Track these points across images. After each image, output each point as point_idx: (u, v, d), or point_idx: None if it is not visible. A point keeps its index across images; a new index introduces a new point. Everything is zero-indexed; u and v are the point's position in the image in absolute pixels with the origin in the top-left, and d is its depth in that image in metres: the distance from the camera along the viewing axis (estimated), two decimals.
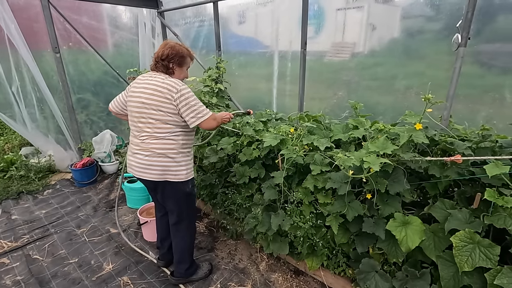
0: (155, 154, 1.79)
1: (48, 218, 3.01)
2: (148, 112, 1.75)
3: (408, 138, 1.67)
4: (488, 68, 2.19)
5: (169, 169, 1.83)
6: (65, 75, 3.72)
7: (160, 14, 4.39)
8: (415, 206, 1.96)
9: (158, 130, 1.77)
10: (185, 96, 1.71)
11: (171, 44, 1.83)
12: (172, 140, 1.80)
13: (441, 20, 2.27)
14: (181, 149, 1.85)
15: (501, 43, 2.08)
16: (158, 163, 1.80)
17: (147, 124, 1.77)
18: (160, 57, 1.79)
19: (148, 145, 1.79)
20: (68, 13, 3.65)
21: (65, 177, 3.92)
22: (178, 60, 1.82)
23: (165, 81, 1.73)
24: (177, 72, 1.86)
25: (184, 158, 1.89)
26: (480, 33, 2.10)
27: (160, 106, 1.72)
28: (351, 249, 2.02)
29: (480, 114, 2.25)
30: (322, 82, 3.14)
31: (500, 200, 1.45)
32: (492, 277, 1.35)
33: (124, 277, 2.23)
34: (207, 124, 1.81)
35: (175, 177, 1.86)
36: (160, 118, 1.74)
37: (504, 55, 2.07)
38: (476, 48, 2.13)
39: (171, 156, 1.81)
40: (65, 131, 3.87)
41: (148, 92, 1.74)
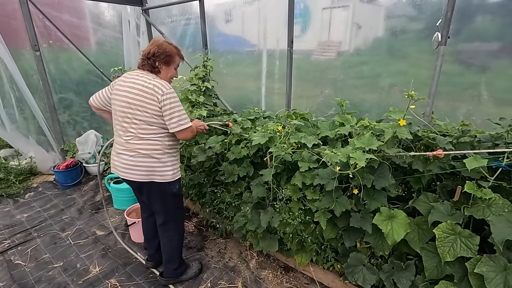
0: (140, 154, 1.76)
1: (30, 222, 2.91)
2: (133, 113, 1.70)
3: (392, 134, 1.72)
4: (467, 67, 2.26)
5: (155, 169, 1.80)
6: (46, 74, 3.60)
7: (145, 11, 4.31)
8: (400, 200, 2.02)
9: (142, 131, 1.73)
10: (170, 100, 1.67)
11: (159, 42, 1.78)
12: (157, 140, 1.77)
13: (423, 20, 2.33)
14: (167, 150, 1.83)
15: (478, 42, 2.16)
16: (143, 164, 1.77)
17: (132, 125, 1.73)
18: (146, 55, 1.75)
19: (133, 146, 1.75)
20: (47, 10, 3.53)
21: (48, 180, 3.80)
22: (165, 59, 1.77)
23: (152, 82, 1.68)
24: (163, 71, 1.81)
25: (170, 159, 1.86)
26: (459, 33, 2.17)
27: (145, 107, 1.68)
28: (339, 244, 2.06)
29: (460, 110, 2.33)
30: (309, 80, 3.17)
31: (479, 192, 1.51)
32: (473, 266, 1.41)
33: (112, 280, 2.19)
34: (184, 134, 1.79)
35: (161, 178, 1.83)
36: (144, 119, 1.70)
37: (482, 54, 2.15)
38: (456, 47, 2.20)
39: (156, 156, 1.78)
40: (47, 132, 3.75)
41: (134, 92, 1.69)
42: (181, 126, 1.73)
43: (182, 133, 1.77)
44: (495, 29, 2.09)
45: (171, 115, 1.70)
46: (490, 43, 2.11)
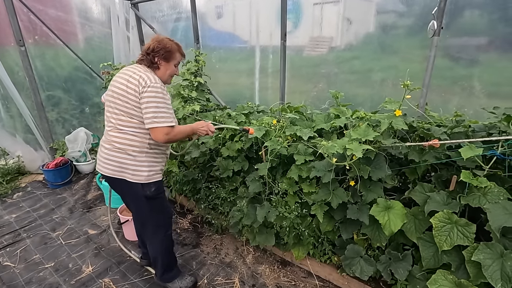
0: (115, 148, 1.66)
1: (19, 222, 2.82)
2: (115, 102, 1.63)
3: (388, 124, 1.71)
4: (456, 61, 2.29)
5: (127, 167, 1.67)
6: (32, 70, 3.49)
7: (134, 5, 4.21)
8: (396, 191, 2.02)
9: (121, 122, 1.63)
10: (152, 94, 1.55)
11: (159, 37, 1.71)
12: (136, 136, 1.65)
13: (412, 16, 2.35)
14: (146, 149, 1.69)
15: (467, 36, 2.18)
16: (115, 159, 1.67)
17: (113, 115, 1.66)
18: (146, 50, 1.68)
19: (111, 138, 1.67)
20: (32, 4, 3.41)
21: (37, 179, 3.70)
22: (164, 55, 1.68)
23: (139, 74, 1.60)
24: (162, 68, 1.71)
25: (148, 159, 1.71)
26: (448, 27, 2.19)
27: (126, 97, 1.59)
28: (336, 237, 2.06)
29: (452, 103, 2.36)
30: (302, 76, 3.16)
31: (475, 181, 1.52)
32: (470, 254, 1.42)
33: (105, 279, 2.13)
34: (154, 133, 1.60)
35: (133, 177, 1.68)
36: (125, 110, 1.61)
37: (470, 48, 2.18)
38: (445, 41, 2.22)
39: (131, 153, 1.66)
40: (35, 130, 3.64)
41: (119, 81, 1.63)
42: (153, 123, 1.57)
43: (153, 132, 1.60)
44: (483, 24, 2.11)
45: (147, 108, 1.56)
46: (478, 37, 2.14)
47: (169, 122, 1.61)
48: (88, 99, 4.29)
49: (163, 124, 1.59)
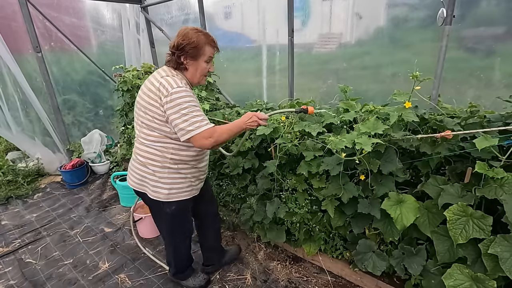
0: (138, 160, 1.57)
1: (39, 221, 2.93)
2: (138, 112, 1.51)
3: (398, 116, 1.68)
4: (472, 52, 2.23)
5: (147, 181, 1.56)
6: (49, 75, 3.62)
7: (144, 9, 4.30)
8: (408, 185, 1.98)
9: (143, 135, 1.51)
10: (176, 101, 1.36)
11: (184, 31, 1.44)
12: (157, 150, 1.50)
13: (426, 8, 2.30)
14: (169, 164, 1.52)
15: (484, 27, 2.12)
16: (138, 171, 1.58)
17: (137, 126, 1.55)
18: (170, 49, 1.47)
19: (135, 149, 1.59)
20: (47, 11, 3.54)
21: (55, 180, 3.84)
22: (190, 51, 1.42)
23: (160, 80, 1.41)
24: (191, 68, 1.48)
25: (170, 175, 1.54)
26: (463, 19, 2.13)
27: (147, 109, 1.43)
28: (348, 232, 2.04)
29: (468, 95, 2.29)
30: (311, 73, 3.14)
31: (491, 172, 1.47)
32: (486, 247, 1.38)
33: (121, 275, 2.19)
34: (197, 143, 1.41)
35: (152, 193, 1.58)
36: (146, 122, 1.47)
37: (487, 38, 2.11)
38: (460, 33, 2.17)
39: (150, 168, 1.53)
40: (52, 133, 3.78)
41: (143, 90, 1.48)
42: (190, 132, 1.38)
43: (194, 142, 1.41)
44: (501, 13, 2.05)
45: (176, 120, 1.37)
46: (495, 27, 2.08)
47: (205, 125, 1.41)
48: (101, 102, 4.41)
49: (200, 129, 1.39)
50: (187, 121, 1.38)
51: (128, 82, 3.39)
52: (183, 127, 1.38)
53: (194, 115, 1.39)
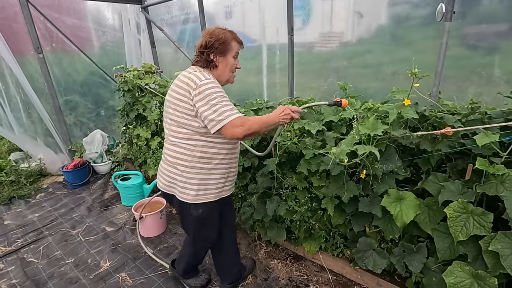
0: (167, 161, 1.55)
1: (41, 221, 2.95)
2: (167, 111, 1.50)
3: (397, 114, 1.66)
4: (474, 49, 2.22)
5: (176, 183, 1.54)
6: (50, 76, 3.64)
7: (144, 9, 4.31)
8: (409, 183, 1.97)
9: (172, 133, 1.50)
10: (205, 93, 1.35)
11: (210, 30, 1.49)
12: (186, 149, 1.47)
13: (428, 6, 2.29)
14: (198, 164, 1.49)
15: (486, 24, 2.10)
16: (167, 172, 1.56)
17: (166, 124, 1.54)
18: (199, 49, 1.49)
19: (164, 149, 1.57)
20: (48, 12, 3.56)
21: (57, 180, 3.86)
22: (219, 48, 1.46)
23: (189, 75, 1.43)
24: (221, 65, 1.51)
25: (198, 176, 1.50)
26: (465, 16, 2.12)
27: (176, 105, 1.43)
28: (348, 230, 2.03)
29: (469, 91, 2.28)
30: (312, 72, 3.14)
31: (491, 168, 1.45)
32: (487, 244, 1.37)
33: (122, 274, 2.20)
34: (228, 132, 1.37)
35: (180, 195, 1.55)
36: (175, 119, 1.46)
37: (490, 35, 2.10)
38: (462, 31, 2.16)
39: (179, 168, 1.50)
40: (54, 134, 3.80)
41: (172, 88, 1.49)
42: (220, 123, 1.35)
43: (225, 131, 1.38)
44: (503, 10, 2.04)
45: (208, 110, 1.35)
46: (498, 24, 2.07)
47: (235, 114, 1.38)
48: (103, 102, 4.44)
49: (231, 118, 1.35)
50: (217, 111, 1.35)
51: (129, 82, 3.40)
52: (214, 118, 1.36)
53: (223, 104, 1.37)
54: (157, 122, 3.48)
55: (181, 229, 2.71)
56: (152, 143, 3.39)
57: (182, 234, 2.64)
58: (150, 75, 3.55)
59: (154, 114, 3.33)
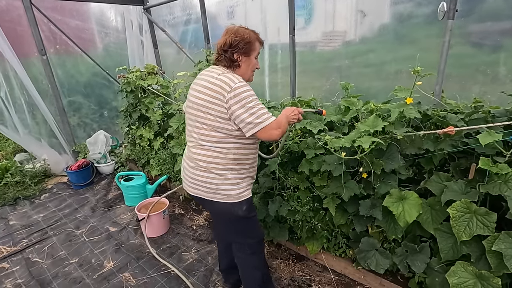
0: (199, 167, 1.48)
1: (46, 221, 2.98)
2: (196, 114, 1.45)
3: (399, 113, 1.66)
4: (478, 47, 2.20)
5: (214, 187, 1.49)
6: (54, 77, 3.67)
7: (146, 10, 4.33)
8: (411, 182, 1.95)
9: (204, 137, 1.44)
10: (240, 96, 1.34)
11: (233, 28, 1.46)
12: (219, 153, 1.44)
13: (431, 4, 2.27)
14: (232, 165, 1.47)
15: (490, 22, 2.08)
16: (202, 178, 1.49)
17: (194, 129, 1.48)
18: (222, 48, 1.45)
19: (193, 155, 1.49)
20: (51, 14, 3.60)
21: (62, 181, 3.89)
22: (244, 48, 1.44)
23: (219, 77, 1.39)
24: (244, 64, 1.49)
25: (235, 175, 1.49)
26: (469, 14, 2.11)
27: (209, 108, 1.39)
28: (350, 230, 2.02)
29: (473, 90, 2.26)
30: (315, 71, 3.14)
31: (495, 168, 1.44)
32: (490, 244, 1.35)
33: (125, 273, 2.22)
34: (266, 134, 1.38)
35: (222, 197, 1.50)
36: (207, 123, 1.41)
37: (494, 33, 2.08)
38: (466, 29, 2.15)
39: (216, 172, 1.46)
40: (58, 135, 3.84)
41: (198, 90, 1.44)
42: (258, 125, 1.36)
43: (263, 133, 1.38)
44: (508, 7, 2.01)
45: (244, 113, 1.34)
46: (502, 22, 2.04)
47: (271, 117, 1.40)
48: (106, 103, 4.47)
49: (269, 121, 1.37)
50: (254, 114, 1.35)
51: (131, 83, 3.43)
52: (251, 121, 1.35)
53: (260, 107, 1.38)
54: (159, 122, 3.50)
55: (184, 229, 2.73)
56: (154, 143, 3.41)
57: (185, 234, 2.65)
58: (153, 76, 3.56)
59: (157, 114, 3.35)
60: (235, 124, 1.39)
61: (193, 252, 2.43)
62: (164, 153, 3.30)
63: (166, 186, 3.56)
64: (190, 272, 2.20)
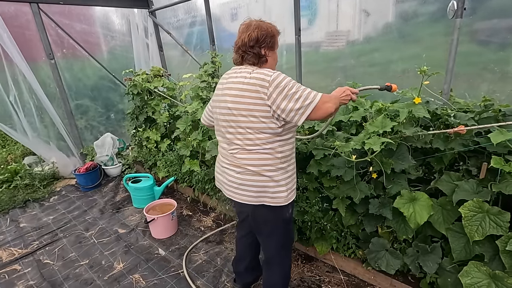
0: (249, 172, 1.42)
1: (56, 223, 3.02)
2: (236, 120, 1.38)
3: (407, 113, 1.65)
4: (485, 45, 2.18)
5: (266, 190, 1.44)
6: (62, 81, 3.72)
7: (152, 13, 4.37)
8: (421, 182, 1.95)
9: (249, 142, 1.39)
10: (280, 86, 1.28)
11: (256, 23, 1.40)
12: (268, 154, 1.40)
13: (435, 2, 2.26)
14: (280, 164, 1.43)
15: (497, 19, 2.07)
16: (252, 183, 1.43)
17: (237, 135, 1.41)
18: (248, 44, 1.37)
19: (240, 161, 1.43)
20: (59, 19, 3.64)
21: (70, 183, 3.94)
22: (271, 42, 1.40)
23: (253, 75, 1.33)
24: (270, 59, 1.44)
25: (284, 176, 1.46)
26: (475, 12, 2.09)
27: (251, 110, 1.33)
28: (360, 230, 2.02)
29: (481, 88, 2.24)
30: (320, 72, 3.14)
31: (507, 167, 1.43)
32: (504, 244, 1.34)
33: (135, 275, 2.24)
34: (320, 111, 1.31)
35: (272, 200, 1.46)
36: (252, 126, 1.36)
37: (501, 30, 2.07)
38: (472, 27, 2.13)
39: (267, 174, 1.42)
40: (66, 138, 3.88)
41: (233, 94, 1.37)
42: (310, 106, 1.29)
43: (317, 112, 1.31)
44: None
45: (290, 102, 1.28)
46: (510, 18, 2.02)
47: (317, 92, 1.33)
48: (113, 106, 4.51)
49: (318, 97, 1.30)
50: (301, 97, 1.29)
51: (138, 86, 3.45)
52: (300, 106, 1.29)
53: (303, 89, 1.32)
54: (166, 124, 3.52)
55: (192, 231, 2.74)
56: (161, 145, 3.43)
57: (194, 236, 2.66)
58: (159, 78, 3.59)
59: (163, 116, 3.37)
60: (279, 120, 1.35)
61: (202, 253, 2.44)
62: (171, 155, 3.32)
63: (173, 188, 3.58)
64: (199, 273, 2.21)
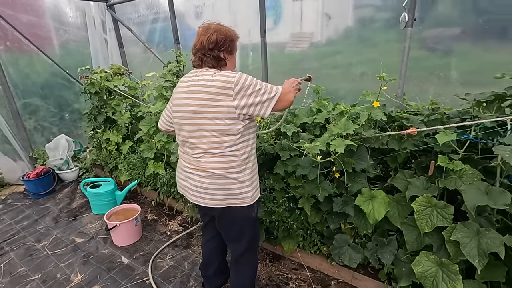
0: (214, 175, 1.41)
1: (1, 236, 2.72)
2: (200, 123, 1.37)
3: (367, 116, 1.76)
4: (432, 51, 2.38)
5: (232, 192, 1.45)
6: (5, 77, 3.36)
7: (110, 7, 4.11)
8: (379, 180, 2.09)
9: (214, 145, 1.38)
10: (245, 85, 1.32)
11: (216, 26, 1.41)
12: (233, 156, 1.40)
13: (389, 10, 2.42)
14: (244, 165, 1.45)
15: (442, 27, 2.27)
16: (218, 186, 1.43)
17: (202, 139, 1.39)
18: (208, 47, 1.38)
19: (205, 164, 1.41)
20: (1, 9, 3.28)
21: (17, 190, 3.57)
22: (230, 46, 1.42)
23: (215, 77, 1.34)
24: (229, 63, 1.47)
25: (249, 176, 1.47)
26: (423, 20, 2.27)
27: (216, 113, 1.33)
28: (324, 227, 2.11)
29: (429, 92, 2.45)
30: (285, 73, 3.20)
31: (451, 165, 1.59)
32: (449, 234, 1.49)
33: (96, 286, 2.10)
34: (283, 101, 1.41)
35: (239, 202, 1.47)
36: (217, 129, 1.35)
37: (445, 38, 2.27)
38: (421, 34, 2.31)
39: (232, 176, 1.42)
40: (12, 140, 3.51)
41: (197, 97, 1.35)
42: (274, 98, 1.37)
43: (281, 102, 1.40)
44: (456, 14, 2.20)
45: (256, 98, 1.34)
46: (452, 28, 2.23)
47: (277, 87, 1.41)
48: (67, 105, 4.18)
49: (280, 89, 1.40)
50: (266, 91, 1.37)
51: (96, 84, 3.24)
52: (266, 98, 1.36)
53: (265, 84, 1.39)
54: (128, 125, 3.35)
55: (158, 236, 2.65)
56: (123, 147, 3.26)
57: (159, 241, 2.57)
58: (119, 77, 3.40)
59: (125, 117, 3.20)
60: (244, 120, 1.38)
61: (168, 258, 2.37)
62: (133, 158, 3.17)
63: (137, 192, 3.42)
64: (166, 280, 2.15)
